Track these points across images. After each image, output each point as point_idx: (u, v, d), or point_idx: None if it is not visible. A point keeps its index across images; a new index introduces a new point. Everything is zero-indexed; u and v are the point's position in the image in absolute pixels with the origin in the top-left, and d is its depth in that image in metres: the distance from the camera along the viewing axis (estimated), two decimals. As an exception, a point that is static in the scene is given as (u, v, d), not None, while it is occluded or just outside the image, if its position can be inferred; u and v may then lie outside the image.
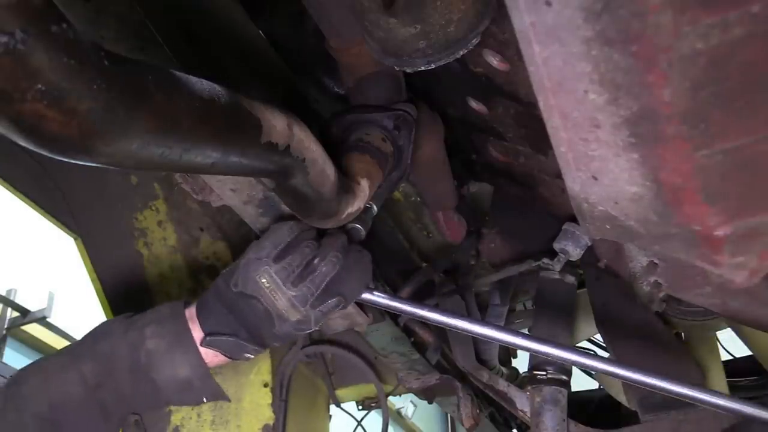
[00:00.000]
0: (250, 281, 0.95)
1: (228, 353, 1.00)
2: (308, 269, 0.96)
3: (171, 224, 1.59)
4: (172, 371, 0.98)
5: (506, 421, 2.42)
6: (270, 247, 0.97)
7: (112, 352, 0.99)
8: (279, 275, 0.95)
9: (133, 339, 1.00)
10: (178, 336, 0.99)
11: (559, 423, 1.39)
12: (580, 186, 0.67)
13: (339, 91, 1.43)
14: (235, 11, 1.21)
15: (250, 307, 0.97)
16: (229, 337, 0.98)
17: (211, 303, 1.00)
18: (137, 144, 0.54)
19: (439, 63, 0.84)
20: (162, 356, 0.98)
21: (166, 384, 0.99)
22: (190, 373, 0.99)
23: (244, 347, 0.99)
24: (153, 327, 1.00)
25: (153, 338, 0.99)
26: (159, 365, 0.98)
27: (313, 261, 0.97)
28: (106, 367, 0.99)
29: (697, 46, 0.45)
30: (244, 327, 0.98)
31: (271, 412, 1.53)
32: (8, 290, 4.49)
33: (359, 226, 1.08)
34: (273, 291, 0.95)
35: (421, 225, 1.77)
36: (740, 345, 1.68)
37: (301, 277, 0.96)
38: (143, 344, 0.99)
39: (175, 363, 0.98)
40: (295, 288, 0.95)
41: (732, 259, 0.63)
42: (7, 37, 0.41)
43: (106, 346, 1.00)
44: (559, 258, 1.36)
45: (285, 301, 0.95)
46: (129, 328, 1.01)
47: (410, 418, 6.36)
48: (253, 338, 0.99)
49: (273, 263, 0.95)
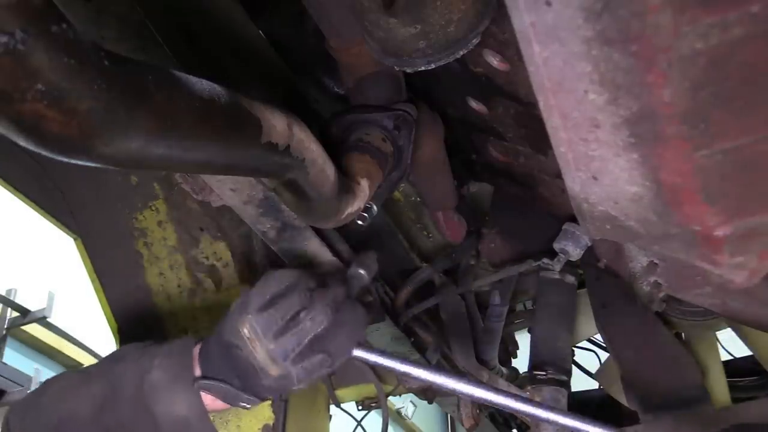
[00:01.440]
0: (233, 330, 0.93)
1: (225, 399, 0.97)
2: (293, 322, 0.92)
3: (171, 224, 1.59)
4: (170, 407, 0.95)
5: (506, 421, 2.42)
6: (257, 297, 0.93)
7: (120, 378, 0.97)
8: (259, 326, 0.91)
9: (141, 367, 0.97)
10: (182, 371, 0.96)
11: (559, 423, 1.39)
12: (580, 186, 0.67)
13: (339, 91, 1.43)
14: (235, 11, 1.21)
15: (235, 355, 0.93)
16: (222, 384, 0.95)
17: (211, 346, 0.97)
18: (137, 144, 0.55)
19: (439, 63, 0.84)
20: (163, 390, 0.95)
21: (164, 419, 0.95)
22: (187, 412, 0.95)
23: (239, 396, 0.96)
24: (161, 358, 0.97)
25: (158, 369, 0.96)
26: (159, 398, 0.95)
27: (299, 314, 0.93)
28: (112, 391, 0.97)
29: (697, 46, 0.45)
30: (236, 375, 0.95)
31: (271, 412, 1.53)
32: (8, 290, 4.48)
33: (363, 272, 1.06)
34: (253, 342, 0.91)
35: (421, 225, 1.77)
36: (740, 345, 1.68)
37: (283, 330, 0.92)
38: (148, 374, 0.96)
39: (174, 399, 0.95)
40: (275, 341, 0.91)
41: (732, 259, 0.63)
42: (7, 37, 0.41)
43: (118, 369, 0.99)
44: (559, 258, 1.36)
45: (264, 354, 0.91)
46: (142, 355, 0.99)
47: (410, 418, 6.35)
48: (245, 388, 0.95)
49: (256, 313, 0.92)
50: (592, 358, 2.40)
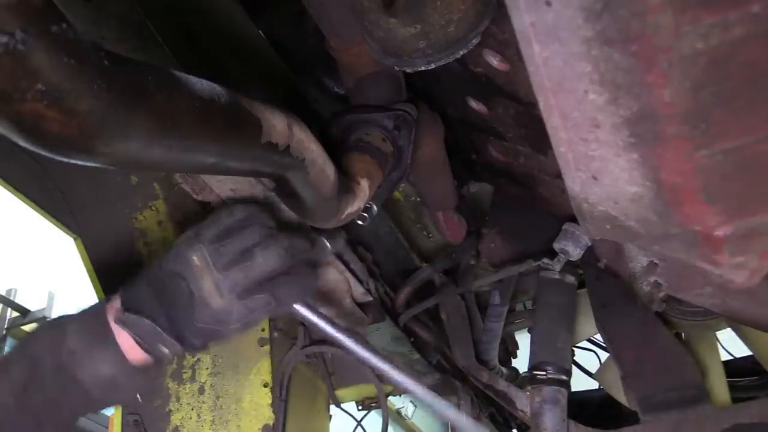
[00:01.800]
0: (180, 258, 0.90)
1: (142, 339, 0.91)
2: (244, 257, 0.90)
3: (171, 224, 1.59)
4: (94, 369, 0.90)
5: (506, 421, 2.42)
6: (211, 228, 0.92)
7: (36, 354, 0.92)
8: (211, 255, 0.89)
9: (54, 337, 0.92)
10: (98, 331, 0.91)
11: (559, 423, 1.39)
12: (580, 186, 0.67)
13: (339, 91, 1.43)
14: (235, 11, 1.21)
15: (175, 286, 0.90)
16: (145, 319, 0.90)
17: (139, 285, 0.94)
18: (137, 144, 0.55)
19: (439, 63, 0.84)
20: (83, 354, 0.90)
21: (92, 383, 0.91)
22: (112, 369, 0.91)
23: (160, 336, 0.91)
24: (73, 324, 0.93)
25: (73, 335, 0.91)
26: (81, 363, 0.90)
27: (254, 250, 0.90)
28: (32, 371, 0.91)
29: (697, 46, 0.45)
30: (165, 312, 0.91)
31: (271, 412, 1.53)
32: (8, 290, 4.49)
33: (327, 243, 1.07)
34: (201, 271, 0.89)
35: (421, 225, 1.77)
36: (740, 345, 1.68)
37: (234, 262, 0.89)
38: (65, 342, 0.91)
39: (95, 360, 0.90)
40: (224, 272, 0.89)
41: (732, 259, 0.63)
42: (7, 37, 0.41)
43: (32, 347, 0.93)
44: (559, 258, 1.36)
45: (211, 284, 0.89)
46: (53, 328, 0.94)
47: (410, 418, 6.35)
48: (171, 327, 0.91)
49: (208, 243, 0.90)
50: (592, 358, 2.40)
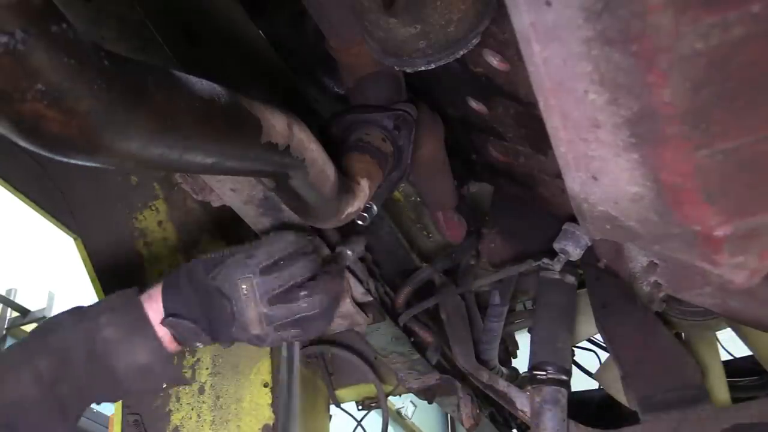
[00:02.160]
0: (229, 282, 0.94)
1: (181, 338, 0.98)
2: (290, 295, 0.95)
3: (171, 224, 1.59)
4: (131, 358, 0.96)
5: (506, 421, 2.42)
6: (263, 255, 0.95)
7: (67, 345, 0.96)
8: (260, 288, 0.94)
9: (87, 329, 0.96)
10: (136, 322, 0.97)
11: (559, 423, 1.39)
12: (580, 186, 0.67)
13: (339, 91, 1.43)
14: (235, 11, 1.21)
15: (219, 303, 0.95)
16: (190, 323, 0.96)
17: (182, 285, 0.98)
18: (137, 144, 0.54)
19: (439, 63, 0.84)
20: (120, 343, 0.95)
21: (126, 371, 0.96)
22: (150, 358, 0.96)
23: (199, 336, 0.98)
24: (108, 315, 0.97)
25: (109, 326, 0.96)
26: (118, 352, 0.95)
27: (299, 289, 0.95)
28: (61, 361, 0.95)
29: (697, 46, 0.45)
30: (206, 317, 0.97)
31: (271, 412, 1.53)
32: (8, 290, 4.49)
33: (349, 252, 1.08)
34: (248, 300, 0.94)
35: (421, 225, 1.77)
36: (740, 345, 1.68)
37: (279, 298, 0.95)
38: (99, 333, 0.95)
39: (134, 349, 0.96)
40: (269, 307, 0.94)
41: (732, 259, 0.63)
42: (7, 37, 0.41)
43: (58, 339, 0.97)
44: (559, 258, 1.36)
45: (254, 315, 0.94)
46: (82, 319, 0.98)
47: (410, 418, 6.35)
48: (210, 331, 0.98)
49: (259, 274, 0.94)
50: (592, 358, 2.40)
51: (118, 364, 0.95)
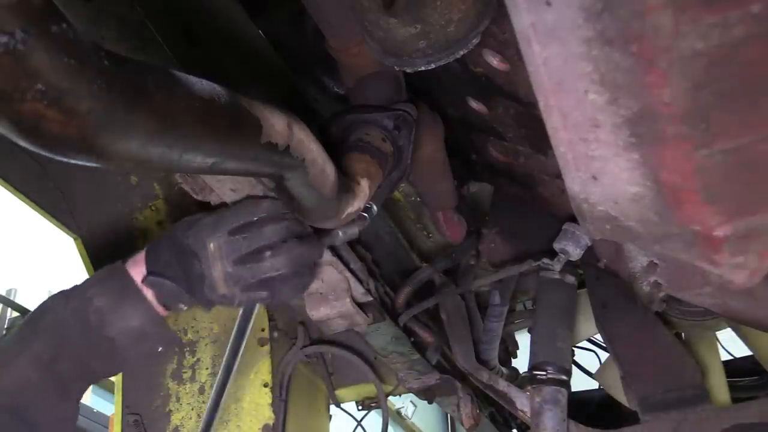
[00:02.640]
0: (199, 240, 0.96)
1: (165, 297, 1.00)
2: (255, 255, 0.96)
3: (171, 224, 1.58)
4: (124, 323, 0.97)
5: (506, 421, 2.42)
6: (233, 218, 0.97)
7: (59, 323, 0.98)
8: (226, 247, 0.95)
9: (77, 304, 0.98)
10: (124, 288, 0.99)
11: (559, 423, 1.39)
12: (580, 186, 0.67)
13: (339, 91, 1.43)
14: (235, 11, 1.21)
15: (189, 261, 0.97)
16: (170, 282, 0.98)
17: (162, 247, 1.01)
18: (137, 144, 0.55)
19: (439, 63, 0.84)
20: (112, 311, 0.97)
21: (121, 337, 0.98)
22: (142, 321, 0.98)
23: (180, 296, 0.99)
24: (96, 287, 0.99)
25: (99, 297, 0.98)
26: (111, 320, 0.97)
27: (265, 252, 0.96)
28: (57, 340, 0.97)
29: (697, 46, 0.45)
30: (184, 276, 0.98)
31: (271, 412, 1.53)
32: (8, 290, 4.48)
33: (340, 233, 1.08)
34: (214, 259, 0.96)
35: (421, 225, 1.77)
36: (740, 345, 1.68)
37: (245, 259, 0.96)
38: (90, 305, 0.97)
39: (126, 314, 0.97)
40: (233, 266, 0.96)
41: (732, 259, 0.63)
42: (7, 37, 0.41)
43: (50, 320, 0.98)
44: (559, 258, 1.36)
45: (220, 273, 0.96)
46: (70, 298, 1.00)
47: (410, 418, 6.34)
48: (188, 290, 0.99)
49: (227, 234, 0.96)
50: (592, 358, 2.40)
51: (112, 332, 0.97)
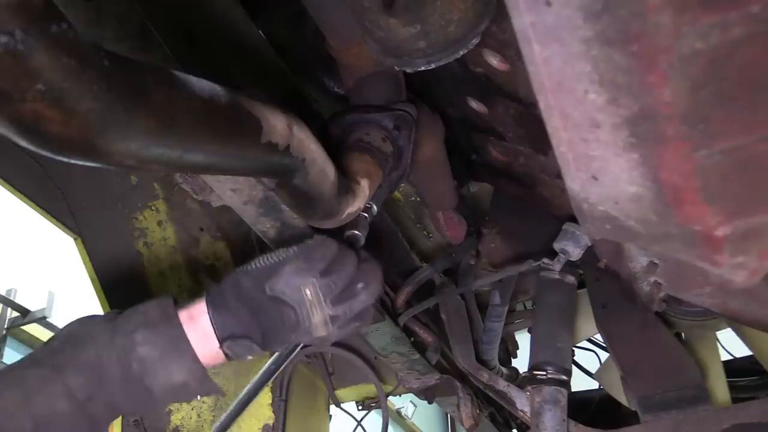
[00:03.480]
0: (292, 289, 0.93)
1: (234, 355, 0.97)
2: (348, 292, 0.96)
3: (171, 224, 1.59)
4: (167, 378, 0.94)
5: (506, 421, 2.42)
6: (319, 258, 0.95)
7: (100, 362, 0.92)
8: (323, 291, 0.94)
9: (121, 346, 0.93)
10: (173, 341, 0.94)
11: (559, 423, 1.39)
12: (580, 186, 0.67)
13: (339, 91, 1.43)
14: (235, 11, 1.21)
15: (279, 313, 0.94)
16: (246, 340, 0.96)
17: (232, 303, 0.96)
18: (137, 144, 0.55)
19: (439, 63, 0.84)
20: (156, 363, 0.93)
21: (161, 390, 0.94)
22: (186, 377, 0.95)
23: (252, 350, 0.97)
24: (143, 332, 0.94)
25: (144, 345, 0.93)
26: (153, 373, 0.93)
27: (355, 285, 0.96)
28: (94, 379, 0.92)
29: (697, 46, 0.45)
30: (261, 330, 0.96)
31: (271, 412, 1.53)
32: (8, 290, 4.49)
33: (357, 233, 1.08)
34: (313, 305, 0.94)
35: (421, 225, 1.77)
36: (740, 345, 1.68)
37: (341, 298, 0.95)
38: (134, 351, 0.93)
39: (170, 369, 0.94)
40: (333, 308, 0.95)
41: (732, 259, 0.62)
42: (7, 37, 0.41)
43: (91, 354, 0.93)
44: (559, 258, 1.36)
45: (320, 319, 0.94)
46: (115, 334, 0.94)
47: (410, 418, 6.35)
48: (264, 342, 0.97)
49: (320, 277, 0.94)
50: (592, 358, 2.40)
51: (153, 384, 0.93)
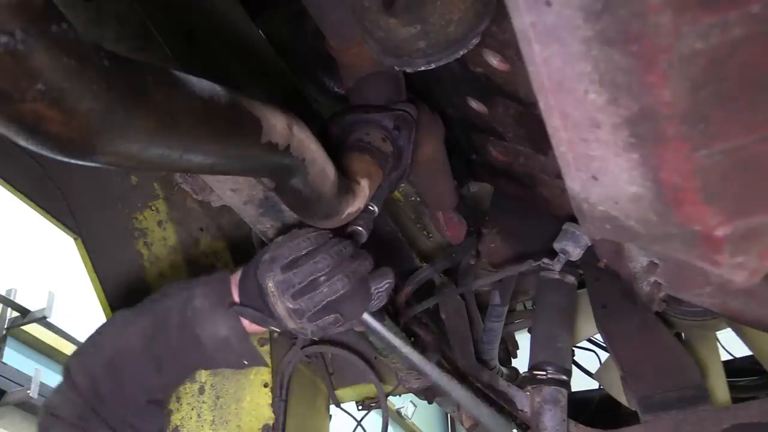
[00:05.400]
0: (262, 279, 0.99)
1: (254, 321, 1.04)
2: (311, 286, 0.98)
3: (171, 224, 1.59)
4: (214, 329, 1.04)
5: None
6: (285, 252, 0.99)
7: (166, 308, 1.09)
8: (281, 285, 0.98)
9: (184, 297, 1.08)
10: (221, 298, 1.05)
11: (559, 423, 1.39)
12: (580, 186, 0.67)
13: (339, 91, 1.43)
14: (235, 11, 1.21)
15: (263, 297, 1.01)
16: (254, 310, 1.03)
17: (247, 279, 1.05)
18: (137, 144, 0.55)
19: (439, 63, 0.84)
20: (205, 314, 1.05)
21: (209, 341, 1.05)
22: (228, 332, 1.04)
23: (267, 321, 1.03)
24: (201, 287, 1.07)
25: (199, 297, 1.06)
26: (202, 322, 1.04)
27: (319, 279, 0.98)
28: (160, 321, 1.08)
29: (697, 46, 0.45)
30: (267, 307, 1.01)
31: (271, 412, 1.53)
32: (8, 290, 4.48)
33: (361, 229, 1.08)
34: (275, 297, 0.98)
35: (421, 225, 1.77)
36: (740, 345, 1.68)
37: (301, 292, 0.97)
38: (192, 302, 1.06)
39: (216, 322, 1.04)
40: (293, 301, 0.97)
41: (732, 259, 0.62)
42: (7, 37, 0.41)
43: (163, 303, 1.10)
44: (559, 258, 1.36)
45: (283, 310, 0.99)
46: (184, 288, 1.10)
47: (410, 418, 6.35)
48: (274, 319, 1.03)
49: (279, 272, 0.98)
50: (592, 358, 2.40)
51: (202, 333, 1.05)
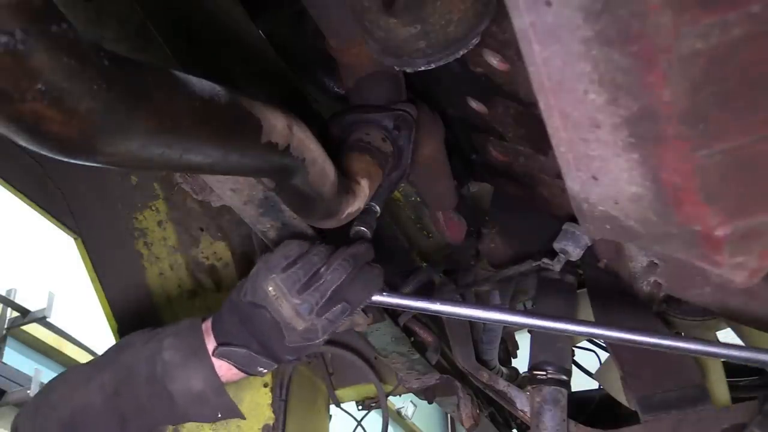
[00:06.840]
0: (258, 290, 0.96)
1: (240, 365, 1.01)
2: (314, 278, 0.97)
3: (171, 224, 1.59)
4: (186, 383, 0.99)
5: (506, 421, 2.42)
6: (279, 257, 0.98)
7: (132, 362, 1.02)
8: (284, 283, 0.95)
9: (151, 349, 1.02)
10: (193, 348, 1.00)
11: (559, 423, 1.39)
12: (580, 186, 0.67)
13: (339, 91, 1.43)
14: (235, 11, 1.21)
15: (259, 316, 0.97)
16: (240, 349, 0.99)
17: (225, 315, 1.01)
18: (137, 144, 0.55)
19: (439, 63, 0.84)
20: (177, 368, 0.99)
21: (181, 396, 0.99)
22: (203, 385, 0.99)
23: (256, 360, 1.00)
24: (171, 339, 1.02)
25: (170, 349, 1.00)
26: (174, 376, 0.99)
27: (320, 270, 0.97)
28: (124, 376, 1.01)
29: (697, 46, 0.45)
30: (255, 338, 0.98)
31: (271, 412, 1.53)
32: (8, 290, 4.49)
33: (364, 229, 1.08)
34: (278, 299, 0.96)
35: (421, 225, 1.77)
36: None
37: (306, 285, 0.96)
38: (160, 354, 1.00)
39: (189, 375, 0.99)
40: (299, 296, 0.96)
41: (732, 259, 0.63)
42: (7, 37, 0.41)
43: (127, 356, 1.03)
44: (559, 258, 1.36)
45: (290, 309, 0.95)
46: (149, 339, 1.04)
47: (410, 418, 6.35)
48: (264, 350, 0.99)
49: (280, 272, 0.96)
50: (592, 358, 2.40)
51: (174, 388, 0.99)
